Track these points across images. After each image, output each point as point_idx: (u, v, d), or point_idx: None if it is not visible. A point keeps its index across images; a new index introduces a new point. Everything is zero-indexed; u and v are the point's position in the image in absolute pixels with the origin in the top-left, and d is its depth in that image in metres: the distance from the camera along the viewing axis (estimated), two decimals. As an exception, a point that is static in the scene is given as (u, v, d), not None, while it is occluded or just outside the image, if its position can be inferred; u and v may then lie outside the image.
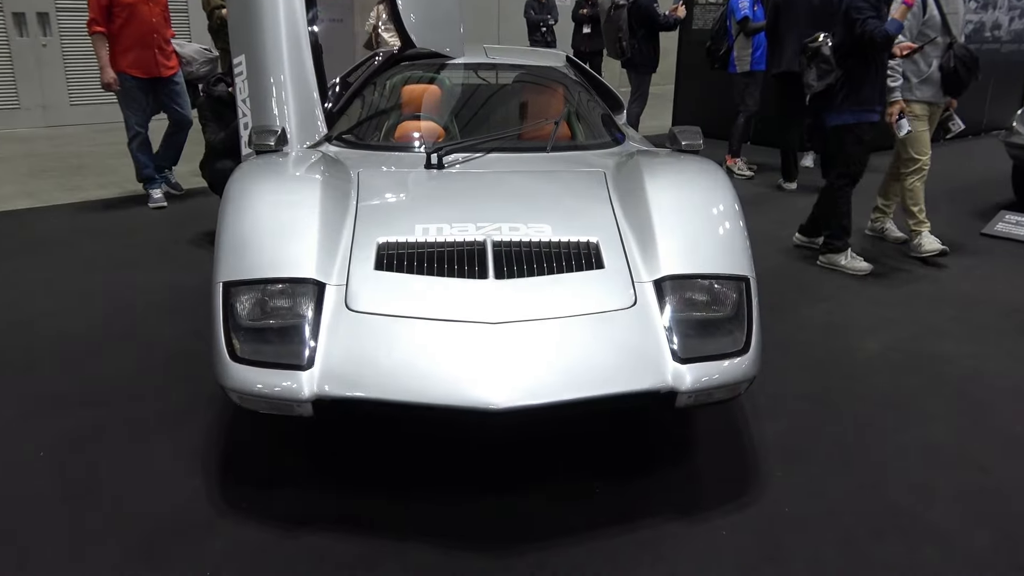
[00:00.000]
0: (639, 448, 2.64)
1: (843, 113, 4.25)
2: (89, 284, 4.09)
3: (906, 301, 4.04)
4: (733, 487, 2.43)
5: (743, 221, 2.56)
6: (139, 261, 4.46)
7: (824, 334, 3.60)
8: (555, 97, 3.91)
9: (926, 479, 2.51)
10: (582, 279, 2.35)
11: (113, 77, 5.24)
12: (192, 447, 2.58)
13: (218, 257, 2.35)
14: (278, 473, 2.46)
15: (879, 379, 3.18)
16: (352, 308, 2.23)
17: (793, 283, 4.27)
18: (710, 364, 2.21)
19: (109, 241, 4.86)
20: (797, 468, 2.54)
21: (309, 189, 2.63)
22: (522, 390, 2.05)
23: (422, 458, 2.53)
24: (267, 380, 2.12)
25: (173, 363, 3.17)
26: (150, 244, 4.78)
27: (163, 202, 5.56)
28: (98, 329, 3.52)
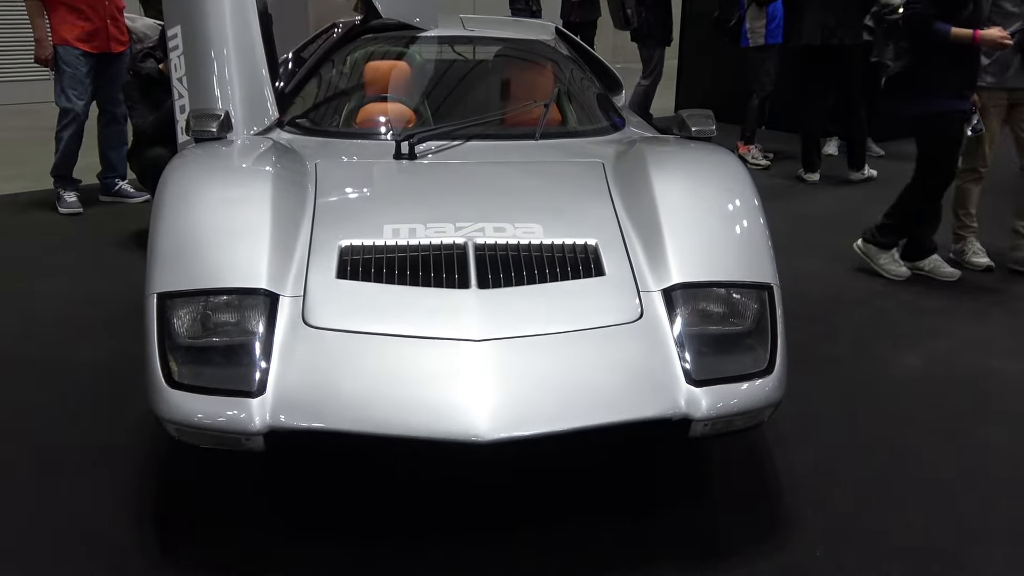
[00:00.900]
0: (647, 484, 2.62)
1: (922, 99, 4.01)
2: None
3: (948, 310, 4.06)
4: (757, 529, 2.42)
5: (764, 219, 2.56)
6: (57, 269, 4.40)
7: (856, 348, 3.60)
8: (543, 75, 3.90)
9: (978, 519, 2.50)
10: (579, 288, 2.33)
11: (50, 52, 5.10)
12: (120, 488, 2.53)
13: (151, 264, 2.31)
14: (223, 519, 2.42)
15: (920, 400, 3.18)
16: (310, 323, 2.20)
17: (819, 289, 4.28)
18: (729, 387, 2.20)
19: (20, 245, 4.79)
20: (829, 506, 2.53)
21: (258, 183, 2.60)
22: (510, 419, 2.02)
23: (394, 500, 2.49)
24: (210, 409, 2.09)
25: (98, 389, 3.12)
26: (70, 249, 4.72)
27: (78, 207, 5.41)
28: (8, 349, 3.45)
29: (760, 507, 2.52)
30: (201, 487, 2.57)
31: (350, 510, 2.46)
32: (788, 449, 2.81)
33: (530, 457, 2.37)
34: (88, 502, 2.48)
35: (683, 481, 2.65)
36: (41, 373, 3.25)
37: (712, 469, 2.70)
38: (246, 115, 3.31)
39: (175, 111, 3.46)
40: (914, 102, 4.08)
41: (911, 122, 4.20)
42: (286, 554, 2.27)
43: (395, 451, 2.15)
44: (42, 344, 3.50)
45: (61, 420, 2.91)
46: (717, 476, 2.67)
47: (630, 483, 2.62)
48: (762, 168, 6.92)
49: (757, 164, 6.95)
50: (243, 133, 3.24)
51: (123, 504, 2.47)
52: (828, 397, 3.17)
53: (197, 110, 3.17)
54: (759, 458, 2.76)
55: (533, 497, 2.52)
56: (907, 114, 4.17)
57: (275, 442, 2.09)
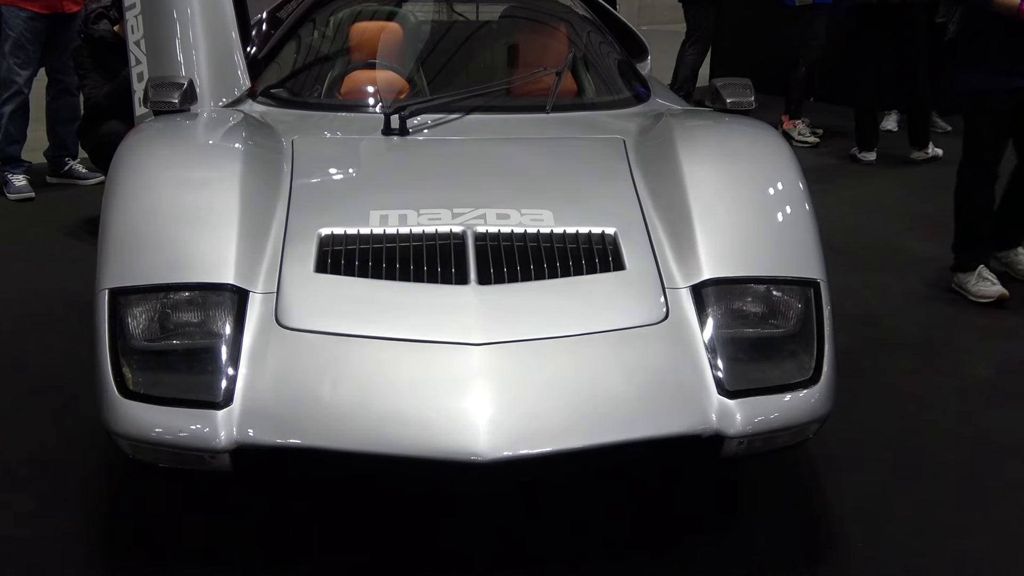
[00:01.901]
0: (672, 512, 2.62)
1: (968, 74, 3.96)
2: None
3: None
4: (800, 564, 2.41)
5: (811, 205, 2.56)
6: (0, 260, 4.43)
7: (917, 356, 3.60)
8: (556, 38, 3.90)
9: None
10: (594, 284, 2.34)
11: None
12: (66, 514, 2.54)
13: (103, 256, 2.32)
14: (184, 549, 2.42)
15: (991, 416, 3.17)
16: (284, 324, 2.21)
17: (874, 287, 4.27)
18: (768, 399, 2.20)
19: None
20: (884, 538, 2.52)
21: (226, 162, 2.61)
22: (514, 435, 2.03)
23: (379, 529, 2.50)
24: (169, 423, 2.09)
25: (40, 399, 3.13)
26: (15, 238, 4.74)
27: (29, 191, 5.44)
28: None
29: (802, 540, 2.52)
30: (159, 511, 2.58)
31: (327, 539, 2.46)
32: (837, 472, 2.80)
33: (537, 479, 2.37)
34: (28, 527, 2.48)
35: (714, 509, 2.64)
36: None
37: (748, 493, 2.70)
38: (213, 84, 3.32)
39: (132, 80, 3.47)
40: (960, 76, 4.06)
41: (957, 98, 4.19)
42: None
43: (382, 472, 2.16)
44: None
45: (1, 435, 2.92)
46: (754, 503, 2.67)
47: (652, 511, 2.62)
48: (809, 146, 6.92)
49: (804, 141, 6.94)
50: (209, 105, 3.26)
51: (69, 530, 2.47)
52: (883, 413, 3.16)
53: (157, 78, 3.18)
54: (802, 481, 2.76)
55: (540, 527, 2.52)
56: (955, 89, 4.17)
57: (243, 460, 2.10)
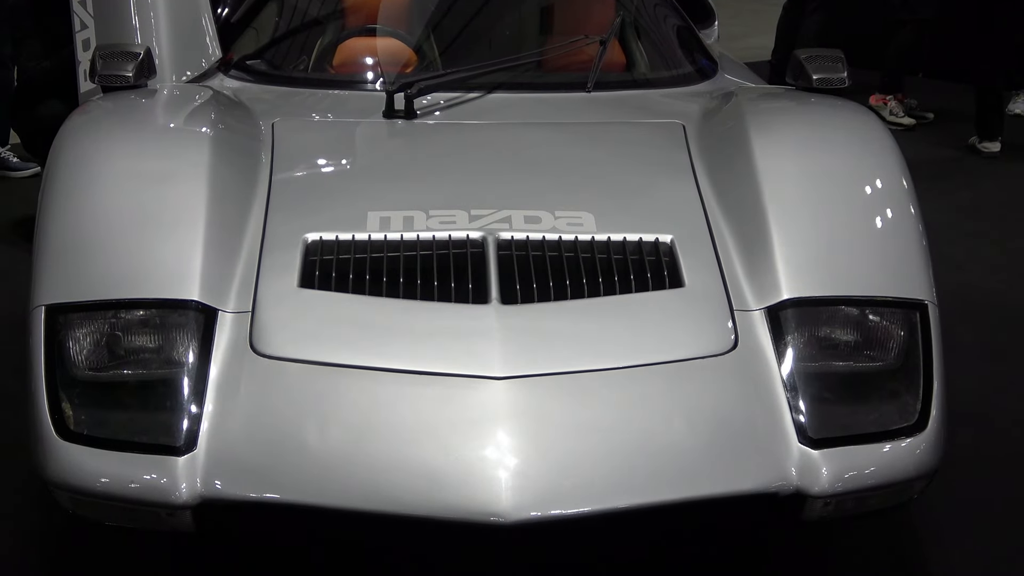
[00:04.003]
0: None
1: None
2: None
3: None
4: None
5: (918, 208, 2.56)
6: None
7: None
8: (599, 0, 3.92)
9: None
10: (646, 305, 2.35)
11: None
12: None
13: (38, 266, 2.35)
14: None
15: None
16: (261, 351, 2.23)
17: (999, 312, 4.25)
18: (861, 449, 2.20)
19: None
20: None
21: (190, 151, 2.64)
22: (545, 492, 2.04)
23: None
24: (118, 471, 2.11)
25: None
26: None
27: None
28: None
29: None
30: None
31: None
32: (946, 542, 2.80)
33: (572, 547, 2.38)
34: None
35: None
36: None
37: (835, 565, 2.69)
38: (175, 54, 3.34)
39: (75, 48, 3.50)
40: None
41: None
42: None
43: (379, 535, 2.16)
44: None
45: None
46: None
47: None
48: (904, 129, 6.86)
49: (897, 124, 6.87)
50: (171, 79, 3.29)
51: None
52: (1009, 471, 3.15)
53: (106, 47, 3.19)
54: (901, 552, 2.76)
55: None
56: None
57: (209, 518, 2.11)
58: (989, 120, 6.52)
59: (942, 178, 6.00)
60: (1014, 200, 5.74)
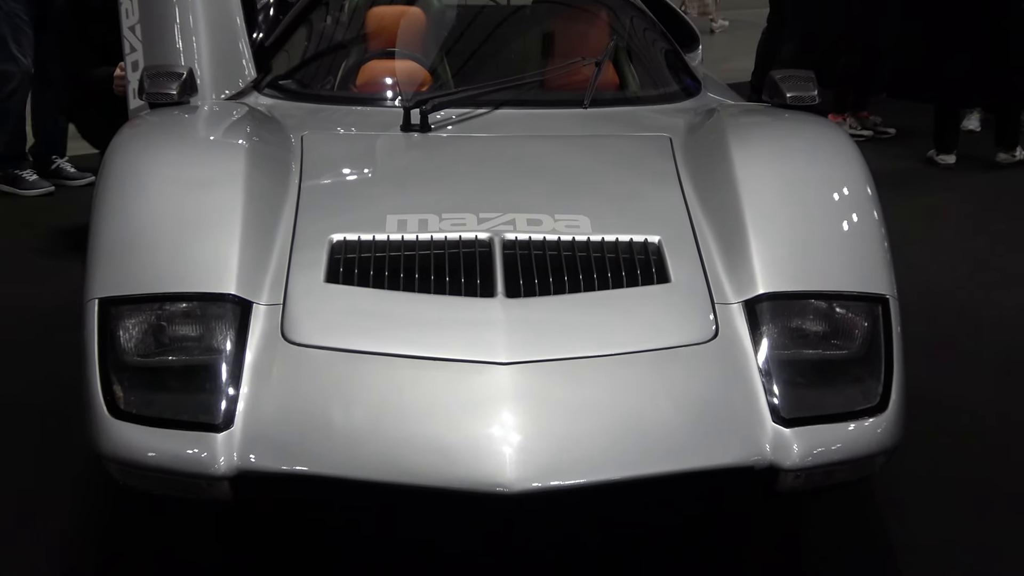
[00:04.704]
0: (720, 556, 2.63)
1: None
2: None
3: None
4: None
5: (880, 212, 2.56)
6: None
7: (1002, 387, 3.58)
8: (596, 25, 3.92)
9: None
10: (636, 299, 2.35)
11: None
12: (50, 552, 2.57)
13: (92, 263, 2.36)
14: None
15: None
16: (291, 339, 2.23)
17: (950, 307, 4.25)
18: (828, 428, 2.20)
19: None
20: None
21: (228, 160, 2.64)
22: (546, 465, 2.04)
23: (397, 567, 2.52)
24: (164, 446, 2.12)
25: (21, 424, 3.16)
26: None
27: (48, 184, 5.57)
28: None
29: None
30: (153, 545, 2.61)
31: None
32: (906, 515, 2.80)
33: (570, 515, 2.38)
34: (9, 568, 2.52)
35: (767, 553, 2.64)
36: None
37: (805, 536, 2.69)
38: (215, 74, 3.35)
39: (126, 69, 3.51)
40: None
41: None
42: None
43: (397, 503, 2.16)
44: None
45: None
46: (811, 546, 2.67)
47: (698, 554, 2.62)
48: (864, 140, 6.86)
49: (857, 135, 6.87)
50: (210, 97, 3.30)
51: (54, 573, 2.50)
52: (960, 450, 3.15)
53: (153, 67, 3.20)
54: (866, 525, 2.76)
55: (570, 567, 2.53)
56: None
57: (245, 488, 2.12)
58: (946, 135, 6.52)
59: (903, 187, 6.00)
60: (967, 207, 5.73)
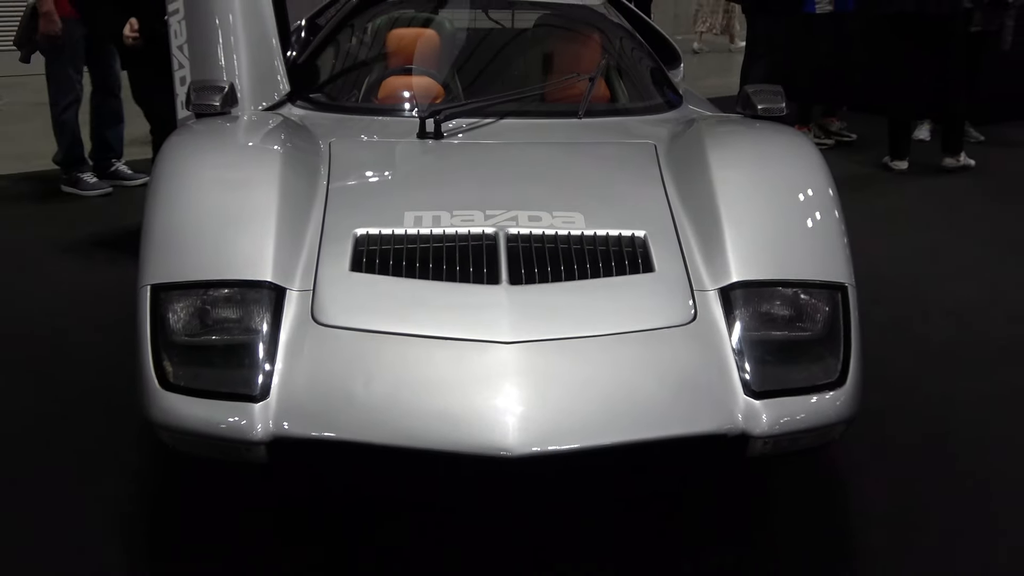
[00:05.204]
0: (697, 513, 2.62)
1: None
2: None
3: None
4: (823, 568, 2.40)
5: (840, 210, 2.55)
6: (53, 261, 4.49)
7: (946, 363, 3.57)
8: (590, 46, 3.91)
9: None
10: (624, 286, 2.34)
11: (59, 26, 5.12)
12: (110, 508, 2.58)
13: (145, 253, 2.36)
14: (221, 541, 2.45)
15: (1018, 425, 3.14)
16: (320, 321, 2.23)
17: (902, 294, 4.24)
18: (794, 400, 2.20)
19: (19, 234, 4.90)
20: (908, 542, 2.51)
21: (265, 164, 2.64)
22: (544, 431, 2.04)
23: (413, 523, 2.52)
24: (208, 415, 2.12)
25: (85, 395, 3.17)
26: (63, 238, 4.81)
27: (106, 186, 5.58)
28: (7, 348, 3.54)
29: (827, 545, 2.51)
30: (197, 502, 2.61)
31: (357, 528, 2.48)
32: (862, 477, 2.79)
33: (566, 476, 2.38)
34: (79, 525, 2.51)
35: (739, 511, 2.64)
36: (25, 378, 3.32)
37: (773, 497, 2.69)
38: (253, 88, 3.34)
39: (175, 83, 3.51)
40: None
41: None
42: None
43: (413, 466, 2.16)
44: (23, 344, 3.58)
45: (47, 432, 2.97)
46: (778, 505, 2.66)
47: (677, 512, 2.62)
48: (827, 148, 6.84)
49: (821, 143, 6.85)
50: (250, 108, 3.29)
51: (114, 525, 2.51)
52: (910, 420, 3.14)
53: (199, 82, 3.21)
54: (828, 485, 2.75)
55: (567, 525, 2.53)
56: None
57: (279, 453, 2.12)
58: (898, 143, 6.50)
59: (861, 189, 5.99)
60: (917, 207, 5.72)
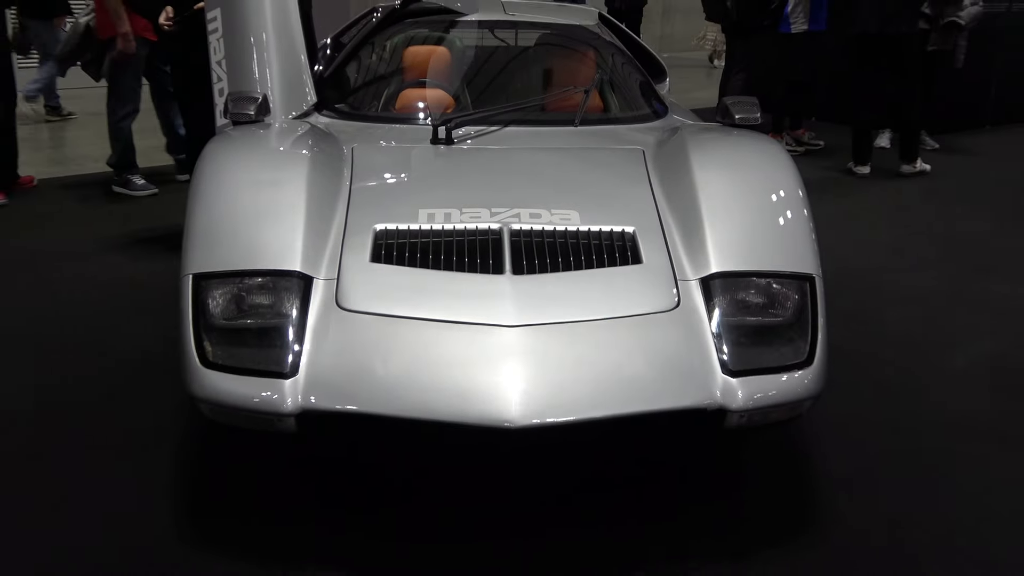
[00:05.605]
0: (679, 477, 2.63)
1: None
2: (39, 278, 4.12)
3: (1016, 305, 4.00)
4: (791, 527, 2.41)
5: (808, 209, 2.55)
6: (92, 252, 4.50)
7: (902, 347, 3.57)
8: (585, 61, 3.90)
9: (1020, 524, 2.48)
10: (615, 276, 2.34)
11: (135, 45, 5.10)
12: (154, 471, 2.59)
13: (187, 245, 2.36)
14: (257, 502, 2.47)
15: (973, 402, 3.14)
16: (343, 306, 2.23)
17: (865, 288, 4.23)
18: (766, 378, 2.20)
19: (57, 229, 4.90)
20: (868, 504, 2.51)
21: (294, 166, 2.64)
22: (543, 405, 2.04)
23: (425, 485, 2.53)
24: (243, 390, 2.13)
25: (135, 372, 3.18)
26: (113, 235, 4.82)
27: (153, 187, 5.59)
28: (67, 331, 3.54)
29: (795, 505, 2.51)
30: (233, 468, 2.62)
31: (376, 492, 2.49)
32: (826, 446, 2.79)
33: (562, 445, 2.38)
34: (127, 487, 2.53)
35: (716, 476, 2.65)
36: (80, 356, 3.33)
37: (747, 464, 2.69)
38: (284, 99, 3.34)
39: (214, 94, 3.51)
40: None
41: None
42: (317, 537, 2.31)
43: (426, 436, 2.17)
44: (82, 325, 3.60)
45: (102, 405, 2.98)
46: (751, 472, 2.67)
47: (661, 477, 2.62)
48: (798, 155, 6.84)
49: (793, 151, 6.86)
50: (281, 117, 3.28)
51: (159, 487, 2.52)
52: (871, 396, 3.14)
53: (235, 93, 3.21)
54: (796, 454, 2.75)
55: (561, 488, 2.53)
56: None
57: (307, 424, 2.13)
58: (861, 151, 6.50)
59: (828, 191, 5.98)
60: (878, 207, 5.71)
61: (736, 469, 2.68)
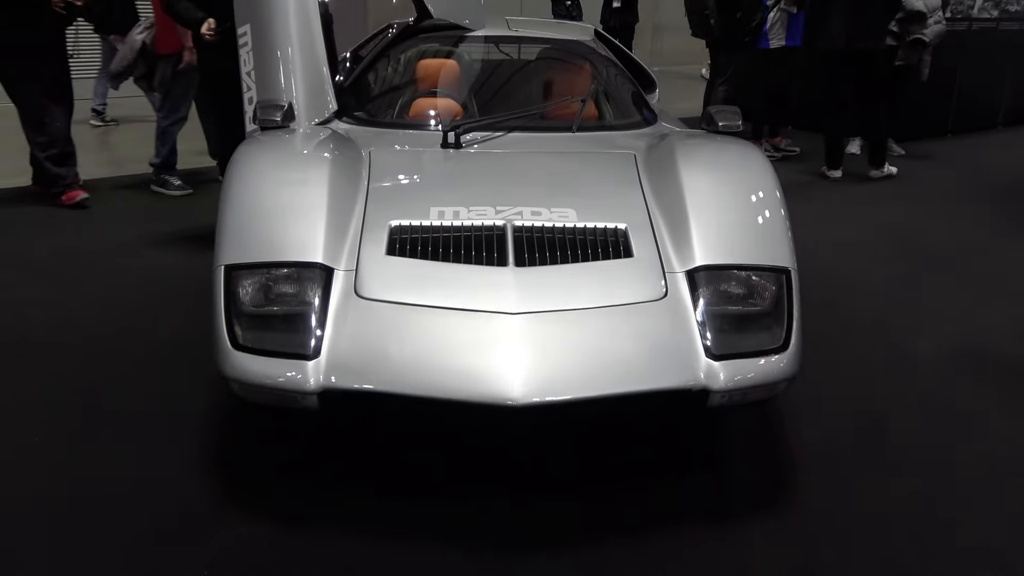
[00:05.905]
0: (666, 451, 2.64)
1: None
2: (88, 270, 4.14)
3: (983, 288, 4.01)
4: (768, 493, 2.43)
5: (785, 209, 2.56)
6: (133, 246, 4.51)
7: (870, 333, 3.58)
8: (582, 73, 3.91)
9: (971, 486, 2.49)
10: (609, 268, 2.35)
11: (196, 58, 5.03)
12: (190, 443, 2.61)
13: (220, 239, 2.37)
14: (282, 470, 2.49)
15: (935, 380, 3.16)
16: (361, 295, 2.24)
17: (836, 280, 4.24)
18: (746, 362, 2.21)
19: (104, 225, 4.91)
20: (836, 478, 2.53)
21: (317, 168, 2.65)
22: (542, 385, 2.06)
23: (436, 457, 2.54)
24: (270, 370, 2.14)
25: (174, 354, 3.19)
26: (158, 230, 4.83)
27: (188, 187, 5.60)
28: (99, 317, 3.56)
29: (772, 474, 2.53)
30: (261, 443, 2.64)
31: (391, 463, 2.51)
32: (800, 421, 2.81)
33: (560, 422, 2.40)
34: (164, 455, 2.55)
35: (700, 449, 2.66)
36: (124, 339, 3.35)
37: (728, 439, 2.71)
38: (308, 107, 3.36)
39: (244, 102, 3.52)
40: None
41: None
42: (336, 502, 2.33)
43: (436, 412, 2.18)
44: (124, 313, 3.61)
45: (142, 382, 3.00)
46: (733, 445, 2.68)
47: (650, 450, 2.64)
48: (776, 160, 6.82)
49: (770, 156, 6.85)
50: (305, 123, 3.30)
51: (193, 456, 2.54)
52: (840, 377, 3.15)
53: (263, 101, 3.23)
54: (773, 429, 2.77)
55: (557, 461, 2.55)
56: None
57: (328, 402, 2.14)
58: (833, 156, 6.47)
59: (803, 192, 5.98)
60: (848, 208, 5.70)
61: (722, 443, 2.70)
